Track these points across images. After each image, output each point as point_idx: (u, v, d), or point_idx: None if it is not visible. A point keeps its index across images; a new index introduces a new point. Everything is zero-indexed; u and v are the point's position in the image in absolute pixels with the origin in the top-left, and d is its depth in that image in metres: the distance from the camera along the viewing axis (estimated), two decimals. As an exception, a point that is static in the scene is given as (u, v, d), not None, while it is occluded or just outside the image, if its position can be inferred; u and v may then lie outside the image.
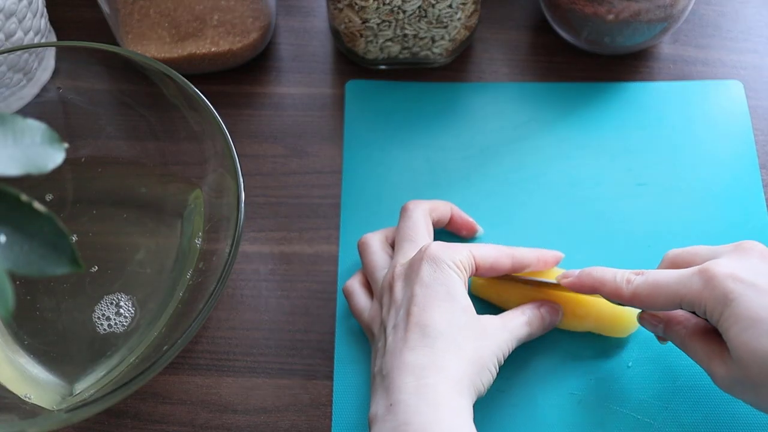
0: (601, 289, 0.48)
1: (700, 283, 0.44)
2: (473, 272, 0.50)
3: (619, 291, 0.47)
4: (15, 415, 0.48)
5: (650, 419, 0.52)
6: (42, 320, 0.54)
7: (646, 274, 0.47)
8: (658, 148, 0.62)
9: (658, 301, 0.46)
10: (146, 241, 0.57)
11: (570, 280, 0.50)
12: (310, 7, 0.69)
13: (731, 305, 0.43)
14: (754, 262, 0.44)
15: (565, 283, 0.50)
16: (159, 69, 0.53)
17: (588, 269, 0.49)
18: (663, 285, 0.45)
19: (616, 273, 0.48)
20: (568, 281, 0.50)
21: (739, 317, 0.42)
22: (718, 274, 0.43)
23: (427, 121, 0.63)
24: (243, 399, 0.54)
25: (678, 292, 0.45)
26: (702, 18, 0.68)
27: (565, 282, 0.50)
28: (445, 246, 0.49)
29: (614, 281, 0.48)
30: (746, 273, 0.43)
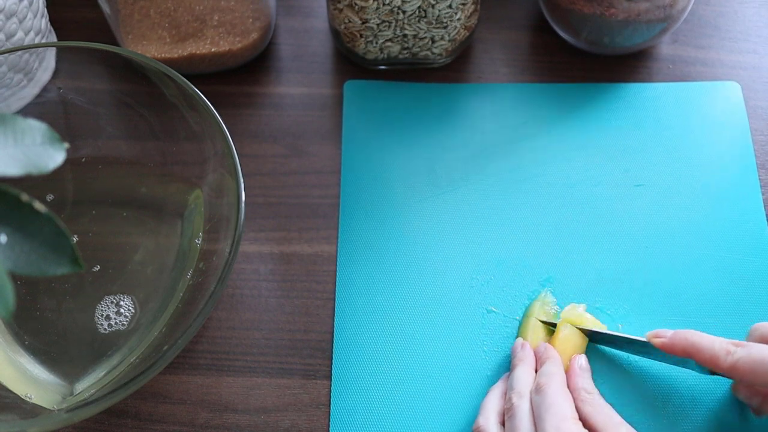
0: (696, 355, 0.47)
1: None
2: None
3: (717, 360, 0.46)
4: (15, 415, 0.48)
5: (649, 419, 0.52)
6: (43, 320, 0.54)
7: (748, 348, 0.45)
8: (656, 149, 0.62)
9: (759, 379, 0.45)
10: (146, 241, 0.57)
11: (662, 341, 0.49)
12: (310, 7, 0.69)
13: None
14: None
15: (656, 342, 0.49)
16: (159, 69, 0.53)
17: (683, 332, 0.48)
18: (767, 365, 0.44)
19: (714, 341, 0.47)
20: (660, 341, 0.49)
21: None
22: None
23: (427, 121, 0.63)
24: (243, 399, 0.54)
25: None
26: (701, 18, 0.68)
27: (657, 342, 0.49)
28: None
29: (712, 349, 0.46)
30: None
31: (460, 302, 0.56)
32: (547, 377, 0.49)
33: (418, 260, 0.58)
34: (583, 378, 0.50)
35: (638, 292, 0.56)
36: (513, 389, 0.49)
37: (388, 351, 0.55)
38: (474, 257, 0.58)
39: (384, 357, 0.54)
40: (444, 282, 0.57)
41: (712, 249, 0.57)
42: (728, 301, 0.55)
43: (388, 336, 0.55)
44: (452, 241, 0.58)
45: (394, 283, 0.57)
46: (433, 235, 0.59)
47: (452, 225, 0.59)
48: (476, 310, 0.56)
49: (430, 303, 0.56)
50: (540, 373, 0.50)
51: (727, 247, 0.57)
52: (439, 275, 0.57)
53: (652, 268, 0.57)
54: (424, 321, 0.56)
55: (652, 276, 0.57)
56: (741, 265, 0.57)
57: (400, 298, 0.56)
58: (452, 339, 0.55)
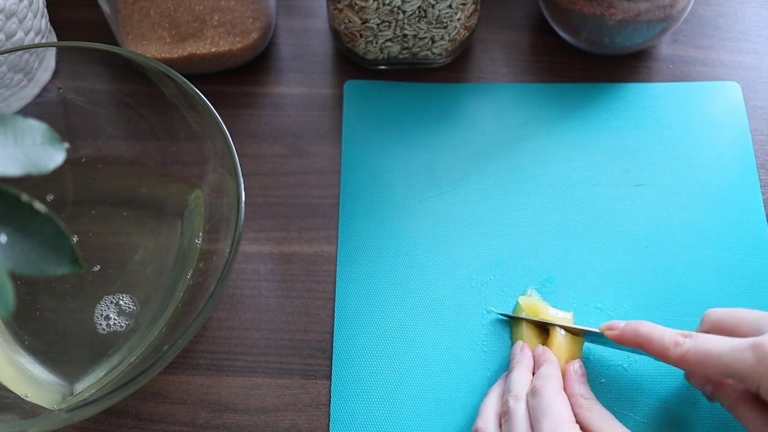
0: (646, 347, 0.47)
1: (754, 360, 0.43)
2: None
3: (666, 352, 0.46)
4: (15, 415, 0.48)
5: (648, 420, 0.52)
6: (42, 320, 0.54)
7: (695, 339, 0.45)
8: (656, 149, 0.62)
9: (707, 371, 0.45)
10: (146, 241, 0.57)
11: (614, 333, 0.49)
12: (310, 7, 0.69)
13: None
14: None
15: (609, 335, 0.50)
16: (159, 69, 0.53)
17: (634, 323, 0.49)
18: (714, 355, 0.44)
19: (663, 332, 0.47)
20: (612, 333, 0.49)
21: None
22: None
23: (427, 121, 0.63)
24: (243, 399, 0.54)
25: (730, 366, 0.43)
26: (701, 18, 0.68)
27: (609, 334, 0.50)
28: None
29: (661, 341, 0.47)
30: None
31: (460, 302, 0.56)
32: (543, 380, 0.49)
33: (418, 260, 0.58)
34: (579, 383, 0.50)
35: (638, 292, 0.56)
36: (510, 392, 0.49)
37: (388, 351, 0.55)
38: (474, 257, 0.58)
39: (384, 357, 0.54)
40: (444, 282, 0.57)
41: (712, 249, 0.57)
42: (728, 301, 0.55)
43: (388, 336, 0.55)
44: (452, 241, 0.58)
45: (394, 283, 0.57)
46: (433, 235, 0.59)
47: (452, 225, 0.59)
48: (476, 310, 0.56)
49: (430, 303, 0.56)
50: (537, 376, 0.50)
51: (727, 247, 0.57)
52: (439, 275, 0.57)
53: (652, 268, 0.57)
54: (424, 321, 0.56)
55: (652, 276, 0.57)
56: (741, 265, 0.57)
57: (400, 298, 0.56)
58: (452, 339, 0.55)
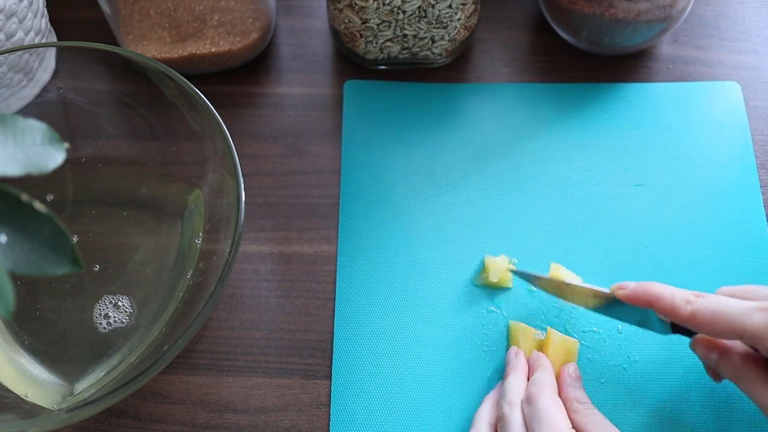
0: (656, 305, 0.47)
1: (765, 319, 0.43)
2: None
3: (677, 309, 0.46)
4: (15, 415, 0.48)
5: (649, 420, 0.52)
6: (42, 320, 0.54)
7: (707, 298, 0.45)
8: (656, 149, 0.62)
9: (718, 328, 0.44)
10: (146, 241, 0.57)
11: (625, 293, 0.49)
12: (310, 7, 0.69)
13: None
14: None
15: (620, 294, 0.49)
16: (159, 69, 0.53)
17: (645, 283, 0.48)
18: (727, 313, 0.44)
19: (674, 291, 0.47)
20: (624, 293, 0.49)
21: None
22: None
23: (427, 121, 0.63)
24: (243, 399, 0.54)
25: (742, 324, 0.43)
26: (701, 18, 0.68)
27: (620, 293, 0.49)
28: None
29: (672, 299, 0.46)
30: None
31: (460, 302, 0.56)
32: (537, 386, 0.48)
33: (419, 260, 0.58)
34: (574, 387, 0.50)
35: (638, 292, 0.56)
36: (504, 398, 0.49)
37: (388, 351, 0.55)
38: (474, 257, 0.58)
39: (384, 357, 0.54)
40: (444, 282, 0.57)
41: (712, 249, 0.57)
42: (728, 301, 0.55)
43: (387, 336, 0.55)
44: (452, 241, 0.58)
45: (394, 283, 0.57)
46: (433, 235, 0.59)
47: (452, 225, 0.59)
48: (476, 310, 0.56)
49: (430, 303, 0.56)
50: (531, 382, 0.49)
51: (727, 247, 0.57)
52: (439, 275, 0.57)
53: (653, 267, 0.57)
54: (424, 321, 0.56)
55: (653, 276, 0.56)
56: (741, 265, 0.57)
57: (400, 297, 0.56)
58: (452, 339, 0.55)
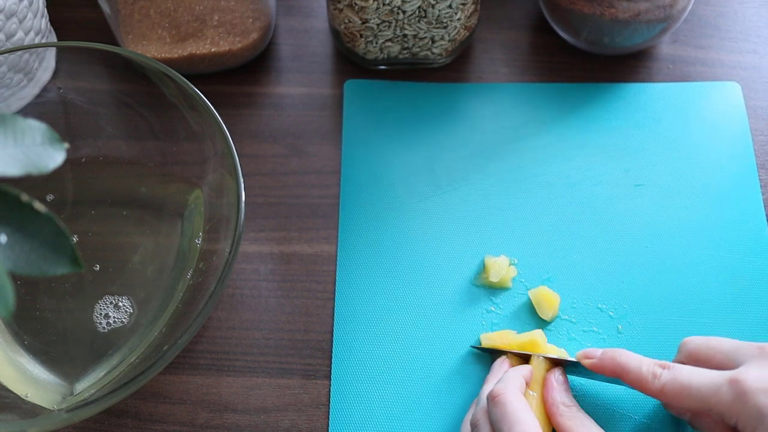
0: (624, 377, 0.47)
1: (731, 396, 0.43)
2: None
3: (645, 384, 0.46)
4: (15, 415, 0.48)
5: (648, 420, 0.52)
6: (42, 320, 0.54)
7: (673, 371, 0.45)
8: (656, 149, 0.62)
9: (686, 403, 0.45)
10: (146, 241, 0.57)
11: (592, 362, 0.49)
12: (310, 7, 0.69)
13: (765, 421, 0.42)
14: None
15: (586, 363, 0.49)
16: (159, 69, 0.53)
17: (611, 352, 0.48)
18: (693, 389, 0.44)
19: (642, 362, 0.47)
20: (590, 362, 0.49)
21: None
22: (750, 390, 0.42)
23: (426, 120, 0.63)
24: (243, 399, 0.54)
25: (708, 400, 0.43)
26: (701, 18, 0.68)
27: (587, 363, 0.49)
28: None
29: (639, 371, 0.46)
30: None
31: (460, 302, 0.56)
32: (503, 383, 0.47)
33: (418, 260, 0.58)
34: (560, 391, 0.49)
35: (638, 291, 0.56)
36: (478, 403, 0.48)
37: (388, 351, 0.55)
38: (474, 257, 0.58)
39: (383, 357, 0.54)
40: (444, 282, 0.57)
41: (712, 249, 0.57)
42: (728, 301, 0.55)
43: (387, 336, 0.55)
44: (452, 241, 0.58)
45: (394, 282, 0.57)
46: (433, 235, 0.59)
47: (452, 225, 0.59)
48: (476, 310, 0.56)
49: (430, 303, 0.56)
50: (499, 380, 0.48)
51: (727, 247, 0.57)
52: (439, 275, 0.57)
53: (653, 268, 0.57)
54: (424, 321, 0.56)
55: (653, 276, 0.57)
56: (741, 265, 0.57)
57: (400, 298, 0.56)
58: (452, 339, 0.55)
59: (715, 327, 0.54)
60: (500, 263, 0.56)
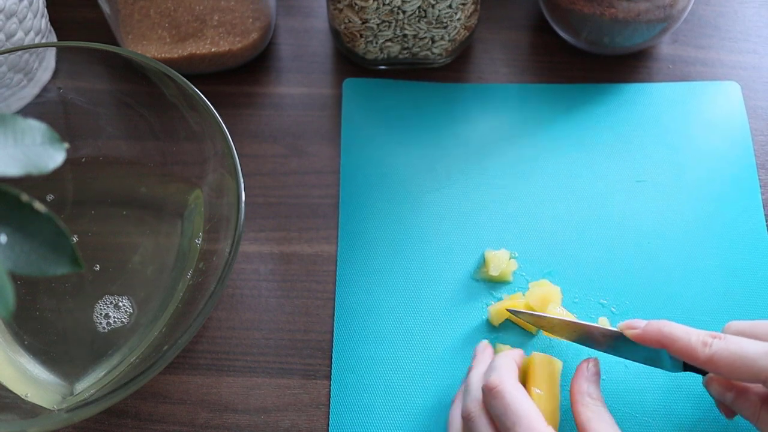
0: (671, 346, 0.45)
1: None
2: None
3: (694, 352, 0.44)
4: (15, 415, 0.48)
5: (648, 418, 0.52)
6: (42, 320, 0.54)
7: (726, 340, 0.43)
8: (656, 149, 0.62)
9: (737, 372, 0.43)
10: (146, 241, 0.57)
11: (636, 332, 0.47)
12: (310, 7, 0.69)
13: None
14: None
15: (629, 334, 0.47)
16: (159, 69, 0.53)
17: (656, 323, 0.46)
18: (747, 357, 0.42)
19: (690, 332, 0.45)
20: (634, 332, 0.47)
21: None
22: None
23: (426, 120, 0.63)
24: (243, 399, 0.54)
25: (763, 368, 0.42)
26: (701, 18, 0.68)
27: (630, 333, 0.47)
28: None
29: (688, 340, 0.44)
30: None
31: (460, 301, 0.56)
32: (497, 373, 0.45)
33: (418, 259, 0.58)
34: (590, 382, 0.47)
35: (640, 287, 0.56)
36: (469, 393, 0.47)
37: (388, 351, 0.55)
38: (474, 257, 0.58)
39: (384, 357, 0.54)
40: (444, 281, 0.57)
41: (712, 248, 0.57)
42: (728, 301, 0.55)
43: (387, 336, 0.55)
44: (452, 235, 0.58)
45: (394, 282, 0.57)
46: (433, 231, 0.59)
47: (452, 225, 0.59)
48: (477, 310, 0.56)
49: (430, 302, 0.56)
50: (489, 368, 0.46)
51: (726, 247, 0.57)
52: (439, 270, 0.57)
53: (653, 267, 0.57)
54: (424, 319, 0.56)
55: (653, 275, 0.57)
56: (741, 265, 0.57)
57: (400, 297, 0.56)
58: (453, 338, 0.55)
59: (714, 325, 0.54)
60: (500, 257, 0.56)
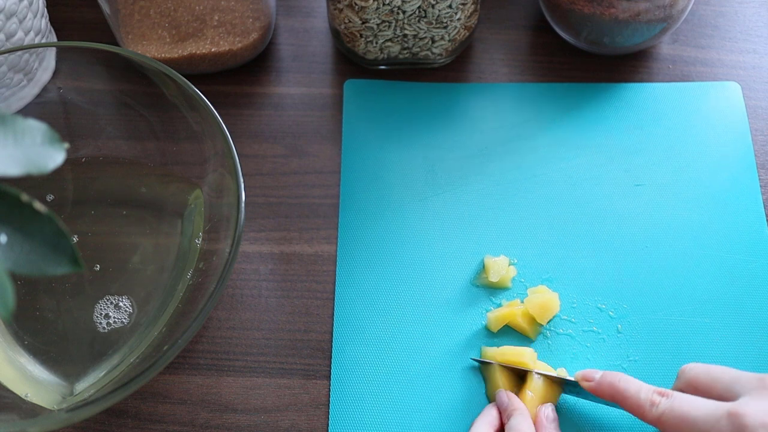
0: (622, 403, 0.47)
1: (730, 429, 0.42)
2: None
3: (642, 410, 0.46)
4: (15, 415, 0.48)
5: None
6: (42, 320, 0.54)
7: (672, 400, 0.45)
8: (656, 149, 0.62)
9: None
10: (146, 241, 0.57)
11: (590, 385, 0.49)
12: (310, 7, 0.69)
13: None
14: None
15: (585, 385, 0.49)
16: (159, 69, 0.53)
17: (610, 376, 0.48)
18: (691, 419, 0.43)
19: (640, 389, 0.46)
20: (588, 385, 0.49)
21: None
22: (749, 424, 0.41)
23: (426, 120, 0.63)
24: (243, 399, 0.54)
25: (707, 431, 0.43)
26: (701, 18, 0.68)
27: (585, 385, 0.49)
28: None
29: (637, 398, 0.46)
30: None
31: (460, 302, 0.56)
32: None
33: (418, 260, 0.58)
34: (548, 429, 0.49)
35: (638, 291, 0.56)
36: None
37: (388, 351, 0.55)
38: (474, 257, 0.58)
39: (383, 357, 0.54)
40: (444, 281, 0.57)
41: (711, 249, 0.57)
42: (728, 301, 0.55)
43: (387, 336, 0.55)
44: (452, 241, 0.58)
45: (394, 283, 0.57)
46: (433, 234, 0.59)
47: (452, 225, 0.59)
48: (477, 310, 0.56)
49: (430, 303, 0.56)
50: (508, 429, 0.48)
51: (727, 247, 0.57)
52: (439, 275, 0.57)
53: (652, 268, 0.57)
54: (424, 321, 0.56)
55: (652, 276, 0.57)
56: (741, 265, 0.57)
57: (400, 297, 0.56)
58: (452, 339, 0.55)
59: (714, 327, 0.54)
60: (500, 263, 0.56)
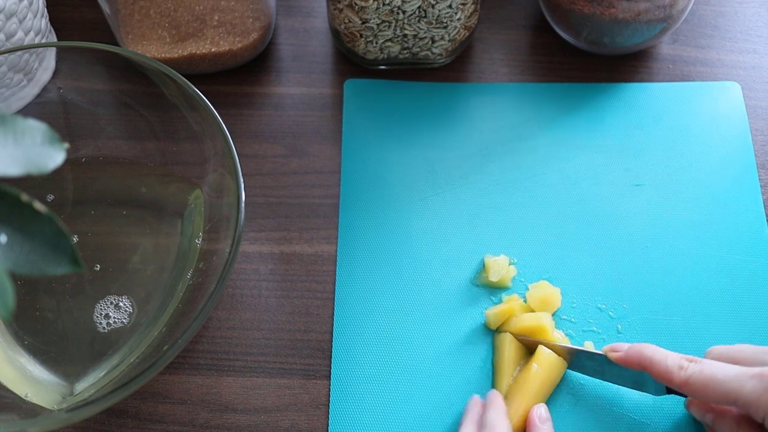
0: (650, 369, 0.48)
1: (760, 388, 0.43)
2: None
3: (670, 375, 0.47)
4: (15, 415, 0.48)
5: (646, 419, 0.52)
6: (42, 320, 0.54)
7: (700, 364, 0.46)
8: (656, 149, 0.62)
9: (711, 395, 0.45)
10: (146, 241, 0.57)
11: (618, 355, 0.49)
12: (310, 7, 0.69)
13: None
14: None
15: (612, 356, 0.50)
16: (159, 69, 0.53)
17: (638, 346, 0.49)
18: (720, 381, 0.44)
19: (668, 355, 0.47)
20: (617, 355, 0.49)
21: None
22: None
23: (426, 120, 0.63)
24: (243, 399, 0.54)
25: (735, 392, 0.44)
26: (701, 18, 0.68)
27: (613, 356, 0.50)
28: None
29: (665, 363, 0.47)
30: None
31: (459, 302, 0.56)
32: (489, 429, 0.48)
33: (418, 260, 0.58)
34: (543, 430, 0.49)
35: (638, 291, 0.56)
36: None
37: (388, 351, 0.55)
38: (474, 257, 0.58)
39: (383, 357, 0.54)
40: (444, 281, 0.57)
41: (711, 249, 0.57)
42: (728, 301, 0.55)
43: (387, 336, 0.55)
44: (452, 241, 0.58)
45: (394, 282, 0.57)
46: (433, 234, 0.59)
47: (452, 225, 0.59)
48: (476, 310, 0.56)
49: (429, 303, 0.56)
50: (482, 424, 0.49)
51: (727, 247, 0.57)
52: (438, 275, 0.57)
53: (652, 268, 0.57)
54: (423, 321, 0.56)
55: (652, 276, 0.57)
56: (741, 265, 0.57)
57: (400, 297, 0.56)
58: (452, 339, 0.55)
59: (714, 327, 0.54)
60: (500, 263, 0.56)
